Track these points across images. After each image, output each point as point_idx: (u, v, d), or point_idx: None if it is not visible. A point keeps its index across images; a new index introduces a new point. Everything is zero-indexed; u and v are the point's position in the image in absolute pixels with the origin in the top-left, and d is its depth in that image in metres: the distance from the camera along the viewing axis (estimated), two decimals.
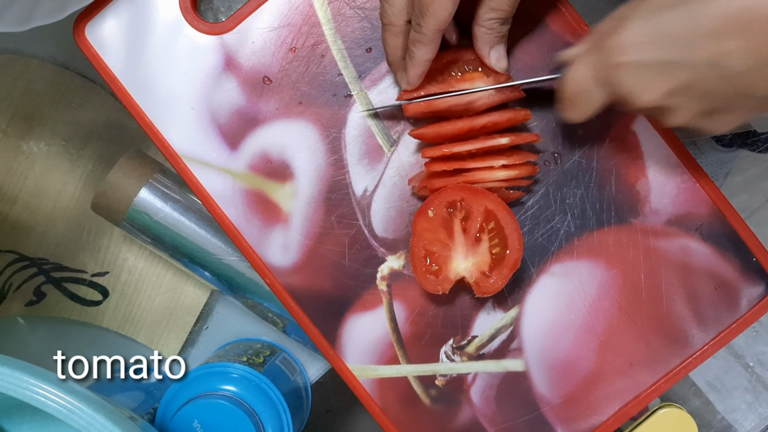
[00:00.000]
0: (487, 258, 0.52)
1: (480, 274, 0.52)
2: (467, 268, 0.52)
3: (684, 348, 0.54)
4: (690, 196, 0.53)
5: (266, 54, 0.54)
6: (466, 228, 0.52)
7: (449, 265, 0.52)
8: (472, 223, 0.52)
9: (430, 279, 0.52)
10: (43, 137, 0.63)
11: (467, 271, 0.52)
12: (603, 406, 0.54)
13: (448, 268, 0.52)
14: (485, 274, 0.51)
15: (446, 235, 0.52)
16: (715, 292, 0.54)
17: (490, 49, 0.50)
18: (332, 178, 0.54)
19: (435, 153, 0.51)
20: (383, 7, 0.49)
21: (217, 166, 0.54)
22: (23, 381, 0.43)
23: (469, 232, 0.52)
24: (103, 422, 0.43)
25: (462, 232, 0.52)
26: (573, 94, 0.46)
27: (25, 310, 0.65)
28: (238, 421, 0.56)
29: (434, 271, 0.52)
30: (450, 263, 0.52)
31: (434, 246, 0.52)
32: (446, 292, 0.52)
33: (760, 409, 0.63)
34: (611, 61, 0.43)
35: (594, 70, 0.44)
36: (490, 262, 0.52)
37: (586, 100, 0.46)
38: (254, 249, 0.55)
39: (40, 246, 0.64)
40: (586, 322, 0.54)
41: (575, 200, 0.54)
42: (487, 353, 0.55)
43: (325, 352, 0.55)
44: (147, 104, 0.54)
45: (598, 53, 0.44)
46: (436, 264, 0.52)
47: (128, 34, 0.54)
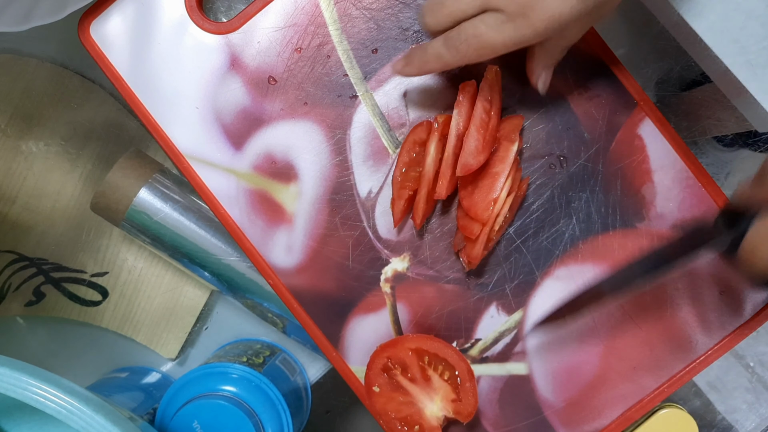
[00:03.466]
0: (446, 387, 0.52)
1: (452, 404, 0.52)
2: (440, 407, 0.52)
3: (688, 353, 0.54)
4: (696, 200, 0.53)
5: (272, 54, 0.54)
6: (412, 377, 0.53)
7: (425, 416, 0.52)
8: (412, 369, 0.53)
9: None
10: (42, 137, 0.63)
11: (442, 410, 0.52)
12: (606, 410, 0.54)
13: (426, 420, 0.52)
14: (456, 401, 0.52)
15: (403, 395, 0.53)
16: (720, 298, 0.54)
17: (541, 70, 0.49)
18: (337, 179, 0.54)
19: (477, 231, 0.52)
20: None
21: (221, 166, 0.54)
22: (23, 381, 0.42)
23: (416, 378, 0.53)
24: (102, 423, 0.43)
25: (411, 382, 0.53)
26: (761, 265, 0.41)
27: (25, 310, 0.64)
28: (237, 422, 0.55)
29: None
30: (425, 414, 0.52)
31: (403, 411, 0.53)
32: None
33: (761, 410, 0.63)
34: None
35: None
36: (451, 389, 0.52)
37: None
38: (257, 250, 0.55)
39: (40, 246, 0.64)
40: (590, 326, 0.54)
41: (580, 204, 0.54)
42: (491, 356, 0.55)
43: (328, 353, 0.55)
44: (151, 103, 0.54)
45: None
46: (417, 425, 0.52)
47: (133, 32, 0.54)
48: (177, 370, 0.67)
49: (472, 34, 0.45)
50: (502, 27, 0.44)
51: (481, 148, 0.50)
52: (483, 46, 0.45)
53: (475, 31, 0.44)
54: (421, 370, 0.53)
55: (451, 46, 0.46)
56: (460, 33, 0.45)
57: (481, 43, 0.45)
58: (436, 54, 0.47)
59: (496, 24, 0.44)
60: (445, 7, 0.45)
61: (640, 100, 0.53)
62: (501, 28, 0.44)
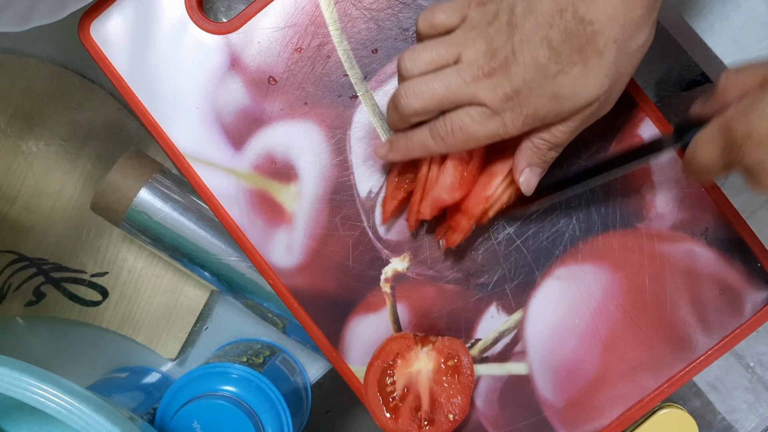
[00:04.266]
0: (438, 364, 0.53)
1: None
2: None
3: (688, 353, 0.54)
4: (695, 201, 0.53)
5: (272, 54, 0.54)
6: (403, 398, 0.53)
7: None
8: (400, 380, 0.53)
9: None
10: (42, 137, 0.63)
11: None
12: (606, 410, 0.54)
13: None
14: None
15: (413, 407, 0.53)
16: (720, 297, 0.54)
17: (525, 167, 0.49)
18: (337, 179, 0.54)
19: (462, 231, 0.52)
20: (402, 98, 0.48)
21: (222, 166, 0.54)
22: (23, 381, 0.43)
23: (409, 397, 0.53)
24: (102, 422, 0.43)
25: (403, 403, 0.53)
26: (701, 167, 0.43)
27: (25, 310, 0.64)
28: (237, 422, 0.55)
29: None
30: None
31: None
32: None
33: (761, 410, 0.63)
34: (751, 142, 0.40)
35: (727, 143, 0.42)
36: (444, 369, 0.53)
37: (712, 172, 0.43)
38: (257, 250, 0.55)
39: (40, 246, 0.64)
40: (590, 325, 0.54)
41: (580, 204, 0.54)
42: (491, 356, 0.55)
43: (328, 353, 0.55)
44: (151, 103, 0.54)
45: (734, 130, 0.41)
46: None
47: (133, 32, 0.54)
48: (177, 370, 0.67)
49: (458, 127, 0.46)
50: (486, 121, 0.46)
51: (458, 186, 0.50)
52: (468, 138, 0.46)
53: (461, 123, 0.46)
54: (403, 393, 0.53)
55: (437, 137, 0.47)
56: (446, 124, 0.46)
57: (467, 135, 0.46)
58: (421, 143, 0.48)
59: (481, 118, 0.46)
60: (433, 99, 0.46)
61: (639, 100, 0.53)
62: (485, 122, 0.46)
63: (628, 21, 0.43)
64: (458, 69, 0.46)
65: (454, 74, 0.46)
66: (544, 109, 0.45)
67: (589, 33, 0.43)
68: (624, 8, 0.42)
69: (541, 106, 0.45)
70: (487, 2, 0.46)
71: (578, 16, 0.42)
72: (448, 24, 0.47)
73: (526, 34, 0.44)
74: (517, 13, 0.44)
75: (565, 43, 0.43)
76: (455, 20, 0.47)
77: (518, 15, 0.44)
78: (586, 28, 0.42)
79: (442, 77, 0.46)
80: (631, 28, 0.43)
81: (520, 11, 0.44)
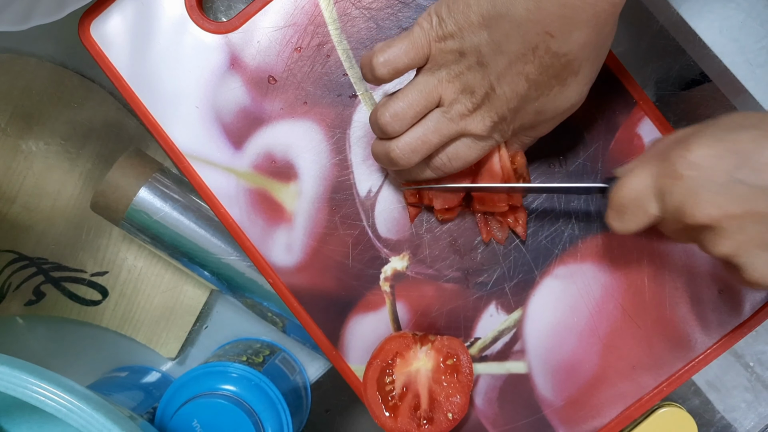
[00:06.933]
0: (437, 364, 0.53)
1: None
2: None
3: (687, 351, 0.54)
4: None
5: (271, 53, 0.54)
6: (402, 396, 0.53)
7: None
8: (399, 379, 0.53)
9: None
10: (42, 136, 0.63)
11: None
12: (605, 408, 0.54)
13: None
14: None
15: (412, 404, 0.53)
16: (719, 296, 0.54)
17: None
18: (336, 178, 0.54)
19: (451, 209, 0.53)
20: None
21: (221, 165, 0.54)
22: (23, 380, 0.42)
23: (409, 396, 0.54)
24: (102, 421, 0.43)
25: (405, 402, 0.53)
26: (625, 203, 0.45)
27: (25, 309, 0.64)
28: (237, 421, 0.55)
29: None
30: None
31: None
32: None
33: (760, 408, 0.63)
34: (676, 171, 0.42)
35: (653, 179, 0.43)
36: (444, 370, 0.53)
37: (636, 211, 0.45)
38: (257, 249, 0.55)
39: (39, 245, 0.64)
40: (590, 324, 0.54)
41: (580, 203, 0.54)
42: (490, 355, 0.55)
43: (328, 352, 0.55)
44: (151, 103, 0.54)
45: (660, 163, 0.43)
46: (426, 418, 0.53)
47: (133, 32, 0.54)
48: (177, 369, 0.67)
49: (455, 157, 0.49)
50: (479, 145, 0.49)
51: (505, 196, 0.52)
52: (466, 162, 0.50)
53: (457, 153, 0.49)
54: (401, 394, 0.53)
55: (436, 169, 0.50)
56: (442, 158, 0.50)
57: (464, 161, 0.50)
58: (423, 176, 0.51)
59: (474, 144, 0.49)
60: (430, 149, 0.49)
61: (639, 99, 0.53)
62: (478, 146, 0.49)
63: (600, 40, 0.44)
64: (443, 112, 0.48)
65: (441, 119, 0.48)
66: (530, 122, 0.48)
67: (564, 62, 0.44)
68: (595, 34, 0.43)
69: (527, 120, 0.48)
70: (446, 38, 0.46)
71: (551, 51, 0.44)
72: (412, 67, 0.48)
73: (500, 71, 0.45)
74: (486, 54, 0.45)
75: (542, 74, 0.45)
76: (419, 62, 0.47)
77: (487, 55, 0.45)
78: (561, 59, 0.44)
79: (431, 126, 0.48)
80: (602, 42, 0.45)
81: (488, 51, 0.45)
